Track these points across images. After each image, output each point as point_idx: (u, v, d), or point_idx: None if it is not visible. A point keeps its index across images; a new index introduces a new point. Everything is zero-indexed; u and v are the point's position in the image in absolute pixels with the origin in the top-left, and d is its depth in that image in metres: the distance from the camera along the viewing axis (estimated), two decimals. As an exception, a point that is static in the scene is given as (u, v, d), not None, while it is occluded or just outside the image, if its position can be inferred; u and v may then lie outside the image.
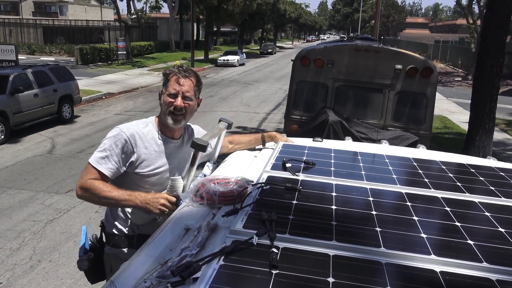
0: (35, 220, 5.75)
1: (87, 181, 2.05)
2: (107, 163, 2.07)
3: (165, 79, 2.19)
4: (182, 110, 2.13)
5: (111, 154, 2.08)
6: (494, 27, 6.81)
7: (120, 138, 2.09)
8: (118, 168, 2.10)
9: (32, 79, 10.63)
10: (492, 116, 7.02)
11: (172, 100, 2.12)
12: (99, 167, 2.06)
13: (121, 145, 2.09)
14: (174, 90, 2.13)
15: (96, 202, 2.09)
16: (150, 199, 1.98)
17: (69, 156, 8.67)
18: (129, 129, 2.14)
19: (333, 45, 6.03)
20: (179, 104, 2.11)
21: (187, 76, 2.15)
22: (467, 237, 1.32)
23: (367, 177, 1.86)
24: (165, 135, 2.22)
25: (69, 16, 50.87)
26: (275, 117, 12.89)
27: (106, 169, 2.07)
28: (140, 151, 2.12)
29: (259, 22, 45.63)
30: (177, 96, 2.12)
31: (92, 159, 2.09)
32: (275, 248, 1.16)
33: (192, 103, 2.17)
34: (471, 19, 25.81)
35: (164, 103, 2.15)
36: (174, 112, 2.13)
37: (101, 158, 2.08)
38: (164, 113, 2.15)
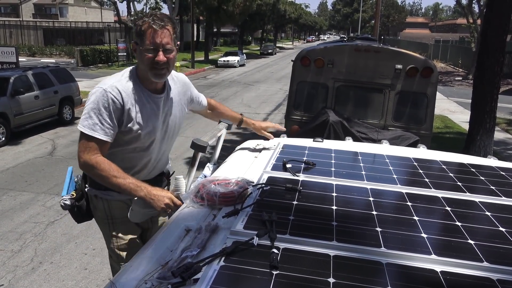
0: (36, 221, 5.75)
1: (91, 158, 1.94)
2: (103, 128, 1.95)
3: (138, 29, 1.98)
4: (165, 64, 1.99)
5: (103, 118, 1.94)
6: (494, 26, 6.80)
7: (107, 98, 1.95)
8: (114, 131, 1.98)
9: (33, 81, 10.64)
10: (492, 115, 7.01)
11: (152, 56, 1.96)
12: (96, 135, 1.94)
13: (110, 106, 1.95)
14: (153, 44, 1.95)
15: (98, 180, 2.01)
16: (155, 195, 1.88)
17: (70, 157, 8.68)
18: (113, 87, 1.99)
19: (333, 45, 6.03)
20: (161, 59, 1.96)
21: (163, 26, 1.96)
22: (467, 236, 1.32)
23: (368, 177, 1.86)
24: (148, 90, 2.09)
25: (69, 18, 50.95)
26: (276, 118, 12.89)
27: (104, 135, 1.95)
28: (128, 109, 2.01)
29: (259, 22, 45.64)
30: (158, 51, 1.96)
31: (84, 128, 1.95)
32: (275, 248, 1.17)
33: (173, 55, 2.03)
34: (471, 19, 25.79)
35: (143, 59, 1.98)
36: (156, 67, 1.98)
37: (94, 125, 1.94)
38: (145, 70, 2.01)
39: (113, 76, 2.08)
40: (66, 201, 2.23)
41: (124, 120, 2.00)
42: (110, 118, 1.95)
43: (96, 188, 2.16)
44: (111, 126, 1.96)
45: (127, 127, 2.01)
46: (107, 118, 1.94)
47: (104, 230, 2.24)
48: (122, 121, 2.00)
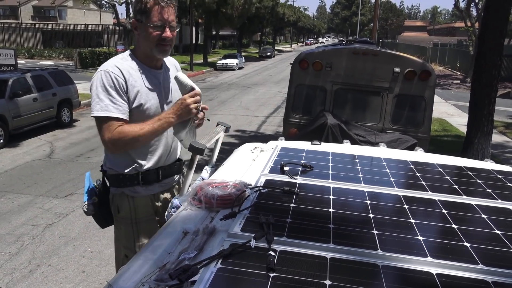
0: (34, 224, 5.74)
1: (113, 133, 1.96)
2: (115, 107, 1.98)
3: (142, 6, 2.01)
4: (170, 40, 2.06)
5: (113, 97, 1.98)
6: (491, 30, 6.84)
7: (111, 77, 2.00)
8: (127, 107, 2.02)
9: (31, 83, 10.64)
10: (490, 118, 7.03)
11: (159, 32, 2.02)
12: (111, 114, 1.96)
13: (115, 84, 1.99)
14: (161, 21, 2.01)
15: (135, 145, 2.05)
16: (177, 110, 1.97)
17: (68, 160, 8.67)
18: (113, 67, 2.03)
19: (332, 48, 6.05)
20: (169, 35, 2.03)
21: (169, 3, 2.03)
22: (463, 239, 1.33)
23: (365, 180, 1.86)
24: (148, 66, 2.14)
25: (68, 20, 50.99)
26: (274, 121, 12.90)
27: (119, 113, 1.98)
28: (131, 86, 2.05)
29: (258, 25, 45.75)
30: (165, 27, 2.02)
31: (97, 112, 1.98)
32: (272, 251, 1.17)
33: (176, 32, 2.11)
34: (469, 22, 25.88)
35: (150, 36, 2.02)
36: (161, 44, 2.05)
37: (106, 106, 1.97)
38: (150, 46, 2.06)
39: (110, 60, 2.13)
40: (89, 206, 2.23)
41: (130, 97, 2.04)
42: (119, 95, 2.00)
43: (122, 186, 2.19)
44: (123, 103, 2.00)
45: (134, 103, 2.05)
46: (116, 96, 1.99)
47: (126, 231, 2.24)
48: (129, 97, 2.04)
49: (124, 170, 2.16)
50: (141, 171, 2.18)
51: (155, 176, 2.23)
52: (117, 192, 2.22)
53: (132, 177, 2.18)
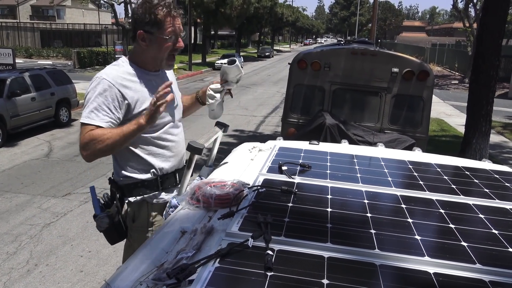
0: (32, 223, 5.74)
1: (84, 136, 1.92)
2: (98, 115, 1.94)
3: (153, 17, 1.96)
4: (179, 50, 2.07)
5: (99, 105, 1.94)
6: (489, 30, 6.85)
7: (104, 86, 1.96)
8: (112, 118, 1.97)
9: (30, 82, 10.62)
10: (488, 119, 7.05)
11: (171, 43, 2.02)
12: (92, 121, 1.93)
13: (107, 93, 1.95)
14: (174, 32, 2.00)
15: (106, 151, 1.96)
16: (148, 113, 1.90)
17: (66, 159, 8.66)
18: (109, 74, 2.00)
19: (330, 48, 6.06)
20: (182, 45, 2.05)
21: (178, 13, 2.03)
22: (461, 239, 1.33)
23: (363, 180, 1.87)
24: (146, 69, 2.12)
25: (67, 20, 50.90)
26: (273, 120, 12.90)
27: (100, 121, 1.93)
28: (130, 92, 2.02)
29: (256, 25, 45.74)
30: (178, 38, 2.03)
31: (82, 118, 1.96)
32: (270, 250, 1.17)
33: None
34: (467, 23, 25.93)
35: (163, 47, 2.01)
36: (173, 54, 2.06)
37: (90, 112, 1.94)
38: (160, 58, 2.05)
39: (107, 67, 2.11)
40: (104, 218, 2.14)
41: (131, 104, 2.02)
42: (106, 105, 1.95)
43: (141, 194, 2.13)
44: (107, 113, 1.95)
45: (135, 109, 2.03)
46: (103, 105, 1.94)
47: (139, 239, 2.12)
48: (129, 104, 2.01)
49: (143, 177, 2.13)
50: (160, 176, 2.16)
51: (173, 180, 2.22)
52: (136, 200, 2.16)
53: (151, 183, 2.14)
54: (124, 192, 2.18)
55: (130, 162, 2.13)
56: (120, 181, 2.18)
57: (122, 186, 2.18)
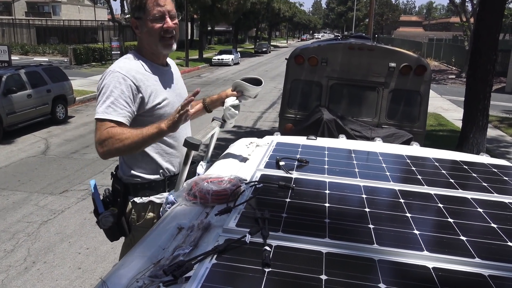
0: (29, 221, 5.71)
1: (102, 133, 1.84)
2: (115, 109, 1.87)
3: (138, 2, 1.95)
4: (173, 31, 1.99)
5: (116, 99, 1.88)
6: (487, 24, 6.84)
7: (119, 79, 1.91)
8: (129, 111, 1.91)
9: (25, 79, 10.56)
10: (485, 113, 7.05)
11: (160, 24, 1.95)
12: (110, 117, 1.86)
13: (123, 86, 1.90)
14: (159, 12, 1.94)
15: (123, 151, 1.89)
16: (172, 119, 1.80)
17: (63, 156, 8.63)
18: (122, 67, 1.95)
19: (327, 43, 6.04)
20: (171, 25, 1.97)
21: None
22: (459, 233, 1.32)
23: (361, 175, 1.86)
24: (156, 63, 2.08)
25: (63, 16, 50.60)
26: (270, 116, 12.89)
27: (118, 116, 1.87)
28: (144, 85, 1.97)
29: (253, 21, 45.59)
30: (164, 18, 1.96)
31: (99, 114, 1.88)
32: (268, 246, 1.16)
33: (177, 21, 2.03)
34: (464, 17, 25.91)
35: (150, 30, 1.96)
36: (165, 37, 1.98)
37: (107, 108, 1.86)
38: (153, 42, 1.99)
39: (117, 61, 2.05)
40: (108, 217, 2.08)
41: (145, 98, 1.97)
42: (123, 98, 1.89)
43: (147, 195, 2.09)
44: (125, 107, 1.89)
45: (149, 103, 1.98)
46: (120, 99, 1.88)
47: None
48: (143, 98, 1.96)
49: (151, 177, 2.09)
50: (167, 177, 2.12)
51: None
52: (143, 201, 2.10)
53: (158, 184, 2.10)
54: (129, 191, 2.12)
55: (139, 161, 2.08)
56: (126, 179, 2.12)
57: (127, 184, 2.12)
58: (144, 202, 2.11)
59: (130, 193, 2.12)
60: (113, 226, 2.10)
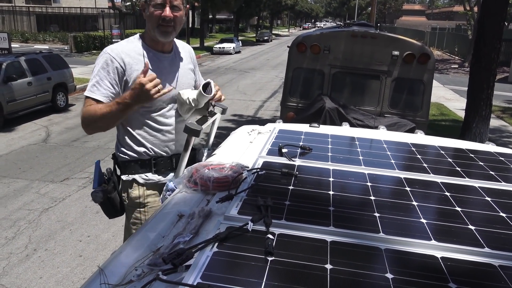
0: (30, 209, 5.71)
1: (83, 111, 2.01)
2: (99, 89, 2.00)
3: None
4: (171, 21, 2.02)
5: (101, 79, 2.00)
6: (491, 13, 6.75)
7: (106, 60, 2.01)
8: (112, 92, 2.02)
9: (26, 67, 10.50)
10: (489, 103, 7.00)
11: (160, 11, 2.00)
12: (93, 95, 2.00)
13: (109, 68, 2.00)
14: (161, 0, 2.00)
15: (102, 126, 2.03)
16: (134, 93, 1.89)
17: (64, 144, 8.61)
18: (113, 49, 2.05)
19: (330, 31, 5.96)
20: (168, 14, 2.00)
21: None
22: (467, 222, 1.29)
23: (365, 162, 1.82)
24: (155, 50, 2.13)
25: (63, 4, 50.16)
26: (272, 105, 12.82)
27: (100, 95, 1.99)
28: (131, 69, 2.04)
29: (255, 9, 45.18)
30: (165, 6, 2.00)
31: (86, 92, 2.03)
32: (270, 234, 1.13)
33: (180, 13, 2.06)
34: (468, 6, 25.67)
35: (151, 16, 2.02)
36: (162, 24, 2.02)
37: (92, 86, 2.01)
38: (152, 27, 2.04)
39: (117, 42, 2.16)
40: (98, 193, 2.16)
41: (129, 80, 2.03)
42: (108, 79, 2.00)
43: (133, 173, 2.16)
44: (108, 87, 2.00)
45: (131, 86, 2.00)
46: (105, 79, 2.00)
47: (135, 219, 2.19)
48: (127, 81, 2.03)
49: (135, 156, 2.15)
50: (153, 157, 2.15)
51: (168, 164, 2.19)
52: (128, 179, 2.18)
53: (144, 163, 2.15)
54: (121, 168, 2.22)
55: (126, 139, 2.16)
56: (119, 157, 2.21)
57: (119, 162, 2.22)
58: (129, 180, 2.17)
59: (121, 170, 2.21)
60: (105, 202, 2.19)
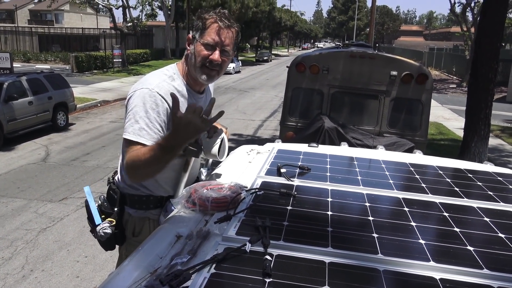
0: (28, 228, 5.67)
1: (129, 155, 1.73)
2: (149, 133, 1.75)
3: (201, 23, 1.86)
4: (218, 66, 1.86)
5: (151, 121, 1.76)
6: (488, 34, 6.84)
7: (156, 100, 1.77)
8: (161, 137, 1.77)
9: (27, 86, 10.57)
10: (487, 122, 7.02)
11: (208, 53, 1.83)
12: (142, 140, 1.73)
13: (159, 108, 1.77)
14: (213, 41, 1.82)
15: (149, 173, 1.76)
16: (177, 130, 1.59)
17: (63, 164, 8.60)
18: (161, 87, 1.81)
19: (329, 51, 6.03)
20: (217, 58, 1.83)
21: (229, 26, 1.86)
22: (466, 243, 1.28)
23: (364, 182, 1.82)
24: (193, 89, 1.95)
25: (65, 24, 50.88)
26: (271, 124, 12.87)
27: (151, 140, 1.74)
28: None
29: (254, 30, 45.74)
30: (215, 49, 1.83)
31: (129, 134, 1.75)
32: (268, 255, 1.12)
33: (228, 59, 1.90)
34: (465, 27, 26.02)
35: (198, 54, 1.84)
36: (207, 67, 1.85)
37: (140, 129, 1.74)
38: (195, 66, 1.86)
39: (155, 75, 1.90)
40: (106, 229, 1.97)
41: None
42: (158, 123, 1.78)
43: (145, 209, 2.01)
44: (159, 131, 1.78)
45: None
46: (155, 122, 1.77)
47: None
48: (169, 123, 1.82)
49: (149, 192, 1.99)
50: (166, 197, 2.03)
51: None
52: (136, 214, 2.02)
53: (156, 199, 2.01)
54: (126, 202, 2.04)
55: None
56: (124, 188, 2.03)
57: (124, 194, 2.03)
58: (140, 216, 2.03)
59: (127, 203, 2.04)
60: (110, 237, 2.02)
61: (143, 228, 2.04)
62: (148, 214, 2.03)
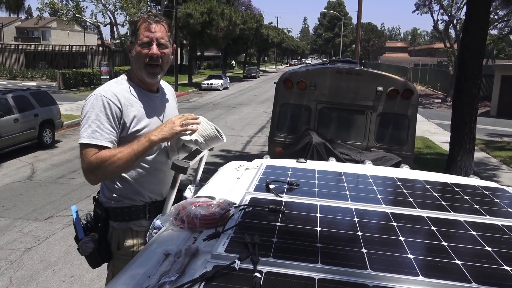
0: (12, 248, 5.54)
1: (90, 159, 1.84)
2: (102, 134, 1.87)
3: (133, 27, 1.99)
4: (159, 59, 1.97)
5: (101, 123, 1.88)
6: (470, 50, 6.99)
7: (103, 103, 1.90)
8: (115, 136, 1.91)
9: (13, 103, 10.46)
10: (472, 136, 7.13)
11: (147, 50, 1.95)
12: (96, 141, 1.85)
13: (107, 110, 1.89)
14: (147, 38, 1.94)
15: (115, 172, 1.89)
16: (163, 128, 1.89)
17: (49, 182, 8.48)
18: (107, 91, 1.94)
19: (316, 68, 6.10)
20: (155, 52, 1.94)
21: (158, 21, 1.97)
22: (454, 257, 1.29)
23: (352, 198, 1.83)
24: (146, 90, 2.07)
25: (52, 41, 50.73)
26: (259, 140, 12.89)
27: (104, 141, 1.87)
28: (127, 110, 1.95)
29: (242, 46, 46.16)
30: (151, 44, 1.95)
31: (83, 138, 1.87)
32: (258, 272, 1.12)
33: (167, 51, 2.01)
34: (448, 43, 26.59)
35: (138, 55, 1.96)
36: (150, 64, 1.97)
37: (93, 132, 1.86)
38: (139, 68, 1.98)
39: (104, 84, 2.03)
40: (88, 243, 2.00)
41: (126, 123, 1.96)
42: (109, 123, 1.90)
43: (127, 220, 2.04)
44: (111, 131, 1.90)
45: (131, 128, 1.96)
46: (105, 123, 1.89)
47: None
48: (125, 123, 1.95)
49: (130, 203, 2.04)
50: (148, 203, 2.07)
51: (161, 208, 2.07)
52: (120, 226, 2.06)
53: (138, 209, 2.05)
54: (110, 215, 2.07)
55: (118, 185, 2.03)
56: (106, 203, 2.07)
57: (107, 208, 2.07)
58: (122, 227, 2.06)
59: (111, 217, 2.07)
60: (94, 252, 2.03)
61: (126, 240, 2.06)
62: (131, 225, 2.06)
